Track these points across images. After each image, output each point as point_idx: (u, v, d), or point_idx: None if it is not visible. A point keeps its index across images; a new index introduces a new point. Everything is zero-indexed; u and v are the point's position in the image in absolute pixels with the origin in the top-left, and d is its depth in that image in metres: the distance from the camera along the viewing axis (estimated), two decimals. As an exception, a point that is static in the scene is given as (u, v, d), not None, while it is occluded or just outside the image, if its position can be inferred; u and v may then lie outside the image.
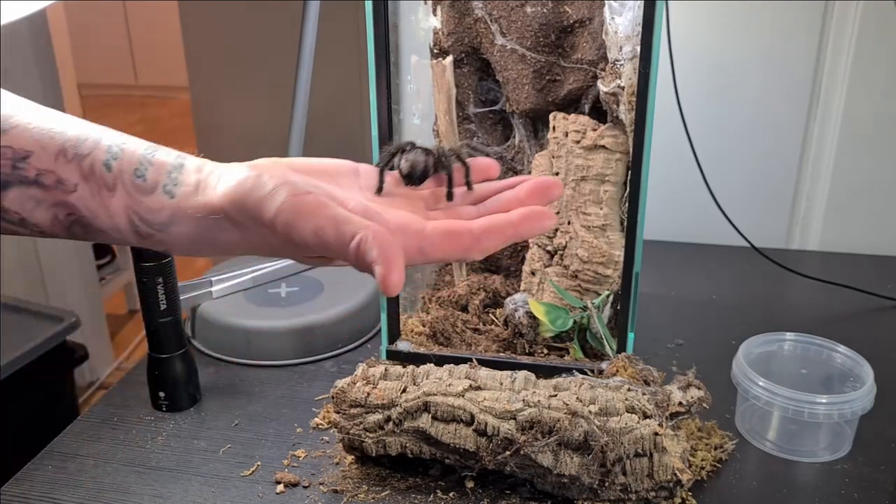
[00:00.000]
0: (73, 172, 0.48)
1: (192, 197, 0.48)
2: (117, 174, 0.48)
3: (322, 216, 0.45)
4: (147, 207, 0.48)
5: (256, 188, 0.46)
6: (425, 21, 0.79)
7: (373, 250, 0.43)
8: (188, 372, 0.78)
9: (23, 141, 0.47)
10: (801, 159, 1.11)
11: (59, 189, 0.48)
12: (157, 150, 0.49)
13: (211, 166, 0.49)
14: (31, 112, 0.49)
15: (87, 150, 0.48)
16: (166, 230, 0.49)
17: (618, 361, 0.71)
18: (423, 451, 0.65)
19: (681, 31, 0.95)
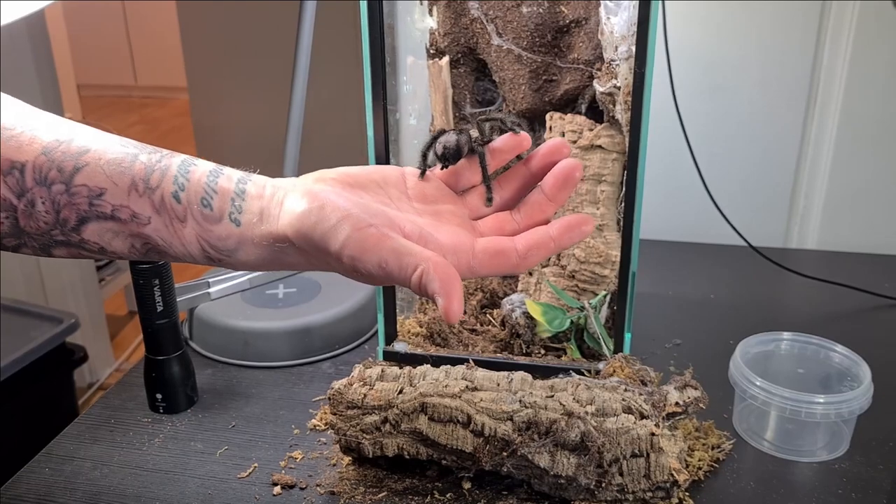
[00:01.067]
0: (145, 206, 0.50)
1: (257, 226, 0.51)
2: (186, 205, 0.51)
3: (385, 249, 0.48)
4: (216, 236, 0.51)
5: (321, 222, 0.49)
6: (421, 21, 0.79)
7: (433, 283, 0.47)
8: (185, 374, 0.78)
9: (97, 178, 0.50)
10: (799, 158, 1.11)
11: (134, 222, 0.50)
12: (220, 175, 0.52)
13: (271, 189, 0.52)
14: (98, 142, 0.51)
15: (155, 182, 0.50)
16: (235, 255, 0.52)
17: (615, 362, 0.71)
18: (420, 452, 0.65)
19: (678, 31, 0.95)
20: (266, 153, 1.55)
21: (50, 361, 1.42)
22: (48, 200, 0.50)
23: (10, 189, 0.49)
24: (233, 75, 1.77)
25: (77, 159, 0.50)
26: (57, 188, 0.49)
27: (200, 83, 1.82)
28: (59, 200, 0.50)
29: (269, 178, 0.54)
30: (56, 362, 1.45)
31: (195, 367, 0.81)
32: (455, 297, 0.47)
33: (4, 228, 0.50)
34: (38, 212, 0.50)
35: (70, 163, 0.50)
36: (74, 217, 0.50)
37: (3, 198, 0.49)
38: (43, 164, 0.49)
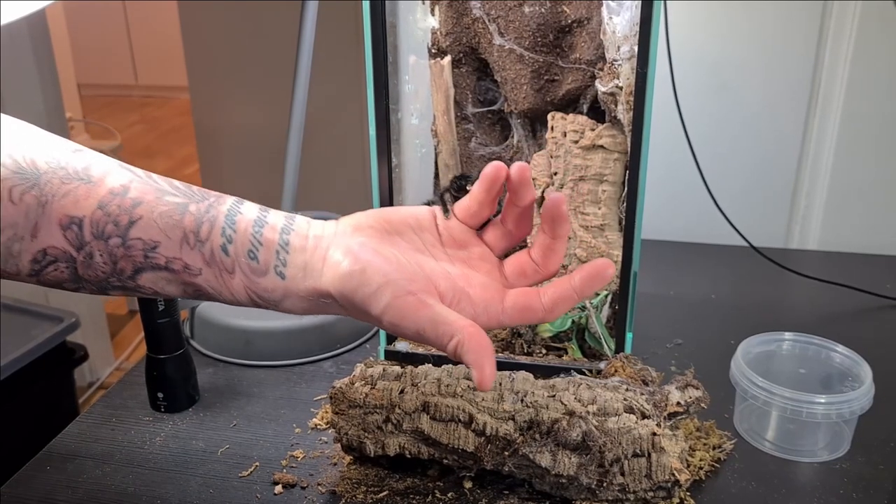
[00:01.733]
0: (196, 259, 0.53)
1: (301, 281, 0.55)
2: (234, 258, 0.54)
3: (423, 319, 0.53)
4: (263, 287, 0.55)
5: (362, 286, 0.53)
6: (423, 21, 0.79)
7: (468, 354, 0.52)
8: (187, 372, 0.78)
9: (151, 231, 0.52)
10: (800, 158, 1.11)
11: (186, 272, 0.53)
12: (264, 225, 0.55)
13: (313, 241, 0.55)
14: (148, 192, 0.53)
15: (205, 235, 0.53)
16: (281, 305, 0.56)
17: (616, 361, 0.71)
18: (422, 451, 0.65)
19: (679, 31, 0.95)
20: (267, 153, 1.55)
21: (50, 360, 1.42)
22: (105, 253, 0.52)
23: (70, 242, 0.52)
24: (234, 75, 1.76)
25: (131, 213, 0.52)
26: (114, 241, 0.52)
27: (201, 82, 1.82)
28: (115, 253, 0.52)
29: (309, 224, 0.57)
30: (56, 361, 1.45)
31: (196, 365, 0.81)
32: (487, 368, 0.52)
33: (64, 276, 0.53)
34: (96, 263, 0.52)
35: (125, 216, 0.52)
36: (130, 268, 0.53)
37: (63, 250, 0.52)
38: (100, 218, 0.52)
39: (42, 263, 0.52)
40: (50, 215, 0.51)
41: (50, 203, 0.51)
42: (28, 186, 0.51)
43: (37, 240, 0.51)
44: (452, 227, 0.59)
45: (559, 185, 0.77)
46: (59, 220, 0.51)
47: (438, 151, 0.81)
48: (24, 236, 0.51)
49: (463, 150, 0.82)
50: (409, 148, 0.84)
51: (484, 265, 0.59)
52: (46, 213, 0.51)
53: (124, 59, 4.83)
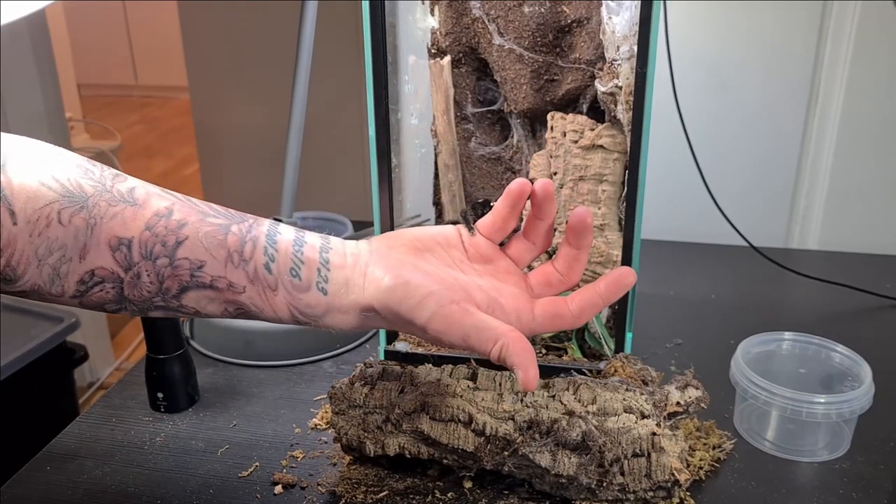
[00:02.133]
0: (241, 277, 0.55)
1: (344, 296, 0.57)
2: (277, 276, 0.56)
3: (467, 325, 0.55)
4: (305, 303, 0.56)
5: (407, 298, 0.55)
6: (423, 21, 0.79)
7: (513, 356, 0.54)
8: (186, 373, 0.78)
9: (197, 251, 0.54)
10: (800, 158, 1.11)
11: (231, 290, 0.55)
12: (304, 245, 0.57)
13: (351, 258, 0.58)
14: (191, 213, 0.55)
15: (248, 254, 0.55)
16: (322, 320, 0.57)
17: (616, 361, 0.71)
18: (422, 451, 0.65)
19: (679, 31, 0.95)
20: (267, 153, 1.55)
21: (50, 360, 1.42)
22: (153, 273, 0.53)
23: (119, 263, 0.53)
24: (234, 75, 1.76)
25: (177, 233, 0.54)
26: (161, 262, 0.53)
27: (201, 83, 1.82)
28: (163, 273, 0.53)
29: (343, 243, 0.59)
30: (56, 361, 1.45)
31: (196, 366, 0.81)
32: (532, 369, 0.54)
33: (109, 296, 0.54)
34: (143, 283, 0.53)
35: (172, 237, 0.53)
36: (176, 287, 0.54)
37: (111, 271, 0.53)
38: (147, 239, 0.53)
39: (88, 284, 0.53)
40: (99, 237, 0.52)
41: (98, 225, 0.52)
42: (77, 209, 0.52)
43: (85, 261, 0.52)
44: (478, 243, 0.62)
45: (559, 185, 0.77)
46: (108, 241, 0.52)
47: (438, 151, 0.81)
48: (73, 258, 0.52)
49: (463, 150, 0.82)
50: (409, 148, 0.84)
51: (511, 277, 0.62)
52: (95, 235, 0.52)
53: (124, 59, 4.83)
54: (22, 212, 0.50)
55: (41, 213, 0.51)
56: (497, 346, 0.55)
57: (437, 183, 0.84)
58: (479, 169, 0.83)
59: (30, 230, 0.51)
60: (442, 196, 0.84)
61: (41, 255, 0.51)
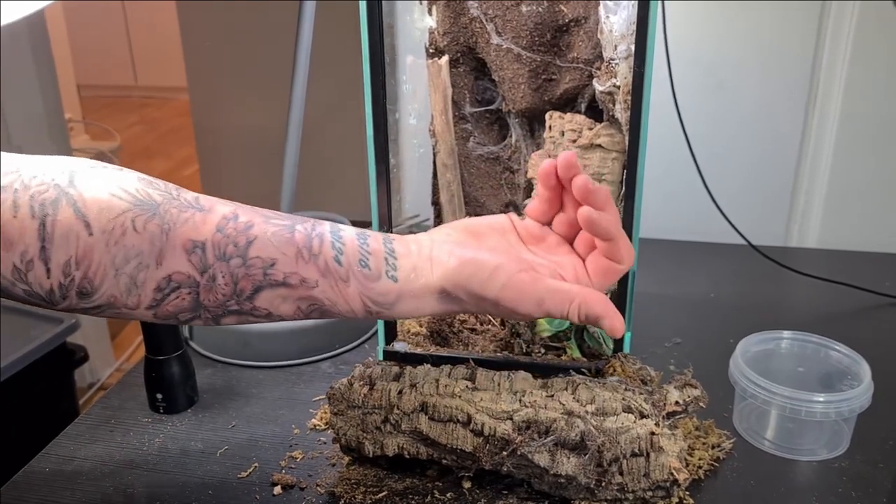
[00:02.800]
0: (312, 271, 0.56)
1: (414, 280, 0.57)
2: (347, 267, 0.56)
3: (541, 289, 0.57)
4: (378, 292, 0.57)
5: (476, 273, 0.57)
6: (421, 21, 0.79)
7: (595, 306, 0.57)
8: (185, 374, 0.78)
9: (268, 250, 0.55)
10: (799, 157, 1.11)
11: (304, 286, 0.56)
12: (368, 237, 0.58)
13: (415, 246, 0.59)
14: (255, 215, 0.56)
15: (317, 249, 0.56)
16: (394, 308, 0.58)
17: (615, 361, 0.71)
18: (421, 451, 0.65)
19: (677, 31, 0.95)
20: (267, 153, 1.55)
21: (50, 361, 1.42)
22: (227, 274, 0.54)
23: (194, 266, 0.53)
24: (234, 75, 1.76)
25: (247, 233, 0.54)
26: (235, 262, 0.54)
27: (201, 83, 1.81)
28: (237, 273, 0.54)
29: (402, 236, 0.60)
30: (56, 362, 1.45)
31: (195, 366, 0.81)
32: (616, 315, 0.57)
33: (185, 304, 0.54)
34: (218, 285, 0.54)
35: (242, 237, 0.54)
36: (250, 287, 0.54)
37: (187, 275, 0.53)
38: (220, 240, 0.54)
39: (165, 291, 0.53)
40: (174, 241, 0.53)
41: (173, 230, 0.53)
42: (150, 216, 0.53)
43: (162, 267, 0.53)
44: (528, 226, 0.64)
45: (557, 185, 0.77)
46: (182, 245, 0.53)
47: (436, 151, 0.81)
48: (150, 264, 0.52)
49: (461, 150, 0.82)
50: (408, 148, 0.84)
51: (563, 248, 0.63)
52: (170, 240, 0.53)
53: (124, 59, 4.83)
54: (96, 222, 0.51)
55: (116, 223, 0.52)
56: (574, 304, 0.57)
57: (435, 182, 0.84)
58: (478, 168, 0.83)
59: (105, 240, 0.51)
60: (440, 196, 0.83)
61: (118, 264, 0.52)
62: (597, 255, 0.61)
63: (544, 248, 0.63)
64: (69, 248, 0.51)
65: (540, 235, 0.63)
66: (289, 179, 0.96)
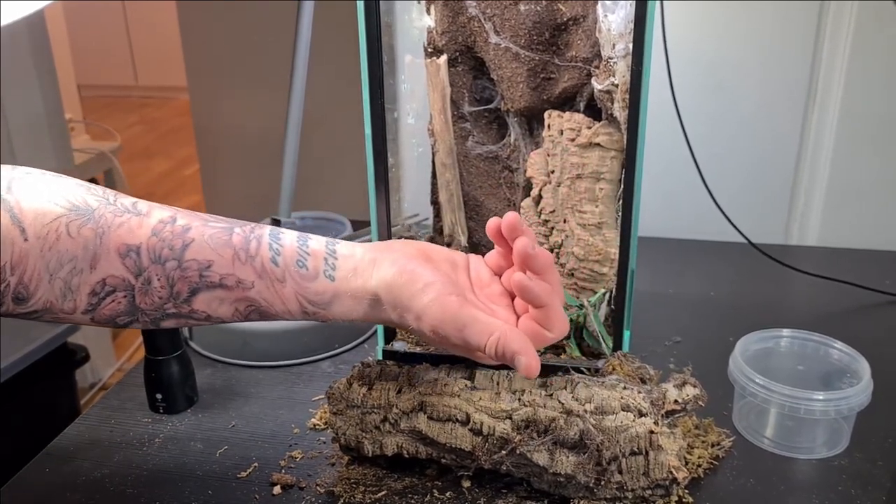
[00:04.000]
0: (248, 272, 0.56)
1: (352, 280, 0.58)
2: (284, 268, 0.57)
3: (465, 315, 0.57)
4: (313, 291, 0.58)
5: (409, 284, 0.57)
6: (419, 20, 0.79)
7: (513, 343, 0.56)
8: (185, 374, 0.78)
9: (204, 252, 0.55)
10: (799, 155, 1.11)
11: (240, 287, 0.56)
12: (309, 240, 0.59)
13: (360, 251, 0.60)
14: (193, 219, 0.57)
15: (254, 251, 0.57)
16: (329, 308, 0.58)
17: (614, 360, 0.71)
18: (420, 451, 0.65)
19: (677, 29, 0.95)
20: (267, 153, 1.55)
21: (52, 361, 1.42)
22: (163, 276, 0.54)
23: (129, 269, 0.54)
24: (234, 75, 1.76)
25: (183, 237, 0.55)
26: (170, 265, 0.55)
27: (201, 83, 1.82)
28: (172, 275, 0.55)
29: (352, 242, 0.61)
30: (58, 362, 1.45)
31: (195, 367, 0.81)
32: (534, 354, 0.57)
33: (121, 307, 0.55)
34: (154, 288, 0.55)
35: (178, 241, 0.55)
36: (186, 289, 0.55)
37: (122, 278, 0.54)
38: (155, 244, 0.54)
39: (100, 295, 0.54)
40: (108, 245, 0.53)
41: (107, 234, 0.53)
42: (84, 221, 0.53)
43: (96, 270, 0.53)
44: (481, 271, 0.65)
45: (556, 184, 0.77)
46: (117, 248, 0.54)
47: (435, 151, 0.81)
48: (84, 268, 0.53)
49: (460, 149, 0.82)
50: (406, 147, 0.84)
51: (503, 300, 0.64)
52: (104, 244, 0.53)
53: (124, 59, 4.83)
54: (32, 228, 0.52)
55: (50, 228, 0.52)
56: (494, 337, 0.56)
57: (434, 182, 0.84)
58: (477, 168, 0.83)
59: (40, 245, 0.52)
60: (439, 195, 0.83)
61: (52, 268, 0.52)
62: (529, 318, 0.62)
63: (487, 294, 0.63)
64: (4, 253, 0.51)
65: (487, 283, 0.64)
66: (288, 179, 0.96)
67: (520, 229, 0.60)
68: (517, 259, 0.60)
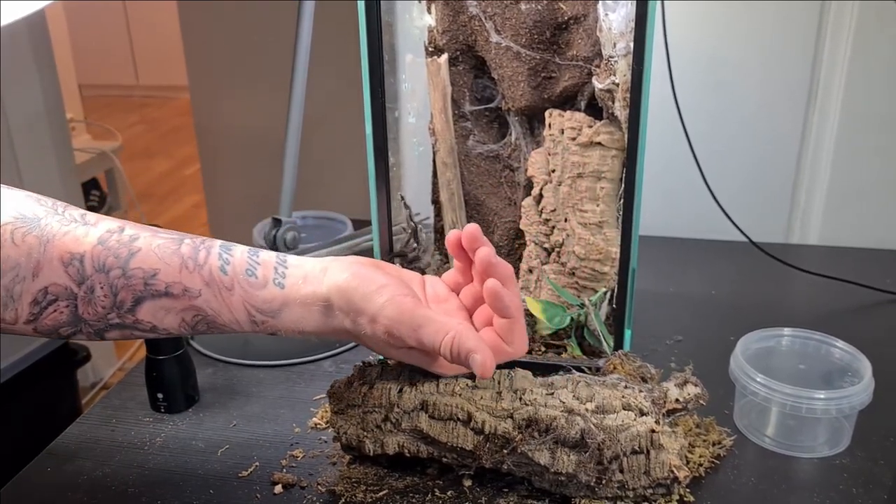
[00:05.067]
0: (196, 280, 0.56)
1: (302, 287, 0.58)
2: (232, 276, 0.57)
3: (419, 316, 0.57)
4: (262, 299, 0.57)
5: (363, 286, 0.57)
6: (420, 19, 0.79)
7: (467, 343, 0.56)
8: (186, 373, 0.78)
9: (150, 261, 0.55)
10: (800, 154, 1.11)
11: (186, 296, 0.56)
12: (259, 252, 0.59)
13: (312, 261, 0.59)
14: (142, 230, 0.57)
15: (202, 259, 0.56)
16: (278, 316, 0.58)
17: (615, 359, 0.71)
18: (421, 450, 0.65)
19: (677, 28, 0.95)
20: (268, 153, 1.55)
21: (53, 361, 1.42)
22: (106, 285, 0.54)
23: (71, 277, 0.53)
24: (234, 75, 1.76)
25: (130, 246, 0.55)
26: (114, 273, 0.54)
27: (202, 82, 1.82)
28: (116, 284, 0.54)
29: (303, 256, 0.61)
30: (59, 362, 1.46)
31: (196, 366, 0.81)
32: (488, 352, 0.57)
33: (64, 317, 0.54)
34: (97, 297, 0.54)
35: (124, 250, 0.54)
36: (130, 298, 0.55)
37: (64, 286, 0.53)
38: (100, 252, 0.54)
39: (42, 304, 0.54)
40: (51, 253, 0.53)
41: (51, 242, 0.53)
42: (29, 229, 0.53)
43: (38, 279, 0.53)
44: (437, 288, 0.65)
45: (557, 183, 0.77)
46: (60, 256, 0.53)
47: (436, 150, 0.81)
48: (26, 276, 0.53)
49: (460, 149, 0.82)
50: (407, 147, 0.84)
51: (461, 314, 0.64)
52: (48, 252, 0.53)
53: (125, 59, 4.83)
54: None
55: None
56: (449, 336, 0.57)
57: (435, 181, 0.84)
58: (478, 167, 0.83)
59: None
60: (440, 194, 0.84)
61: None
62: (490, 331, 0.62)
63: (444, 309, 0.64)
64: None
65: (444, 298, 0.65)
66: (289, 178, 0.96)
67: (480, 240, 0.61)
68: (480, 267, 0.60)
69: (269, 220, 0.96)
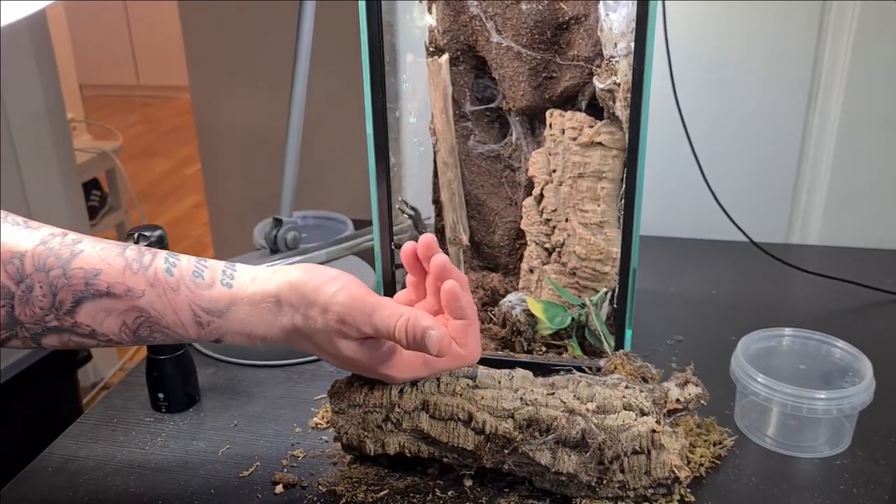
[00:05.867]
0: (140, 281, 0.55)
1: (250, 286, 0.57)
2: (179, 277, 0.56)
3: (372, 302, 0.56)
4: (208, 299, 0.57)
5: (314, 278, 0.57)
6: (420, 19, 0.79)
7: (422, 321, 0.55)
8: (187, 373, 0.78)
9: (92, 261, 0.54)
10: (801, 154, 1.11)
11: (129, 296, 0.55)
12: (206, 260, 0.59)
13: (261, 267, 0.59)
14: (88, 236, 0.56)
15: (147, 262, 0.56)
16: (225, 316, 0.57)
17: (616, 359, 0.71)
18: (422, 450, 0.65)
19: (678, 28, 0.95)
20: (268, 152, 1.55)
21: (53, 361, 1.42)
22: (46, 284, 0.53)
23: (10, 276, 0.53)
24: (235, 74, 1.76)
25: (73, 247, 0.54)
26: (55, 272, 0.53)
27: (202, 82, 1.82)
28: (56, 284, 0.53)
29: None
30: (59, 362, 1.45)
31: (197, 366, 0.81)
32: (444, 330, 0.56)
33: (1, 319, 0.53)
34: (36, 297, 0.53)
35: (66, 251, 0.54)
36: (70, 298, 0.54)
37: (2, 285, 0.52)
38: (41, 252, 0.53)
39: None
40: None
41: None
42: None
43: None
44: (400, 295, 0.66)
45: (558, 183, 0.77)
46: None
47: (437, 150, 0.81)
48: None
49: (461, 149, 0.82)
50: (408, 146, 0.84)
51: None
52: None
53: (125, 59, 4.83)
54: None
55: None
56: (404, 318, 0.56)
57: (436, 181, 0.84)
58: (478, 167, 0.83)
59: None
60: (441, 194, 0.84)
61: None
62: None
63: None
64: None
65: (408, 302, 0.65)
66: (290, 178, 0.96)
67: (435, 248, 0.61)
68: (436, 272, 0.61)
69: (270, 219, 0.96)
